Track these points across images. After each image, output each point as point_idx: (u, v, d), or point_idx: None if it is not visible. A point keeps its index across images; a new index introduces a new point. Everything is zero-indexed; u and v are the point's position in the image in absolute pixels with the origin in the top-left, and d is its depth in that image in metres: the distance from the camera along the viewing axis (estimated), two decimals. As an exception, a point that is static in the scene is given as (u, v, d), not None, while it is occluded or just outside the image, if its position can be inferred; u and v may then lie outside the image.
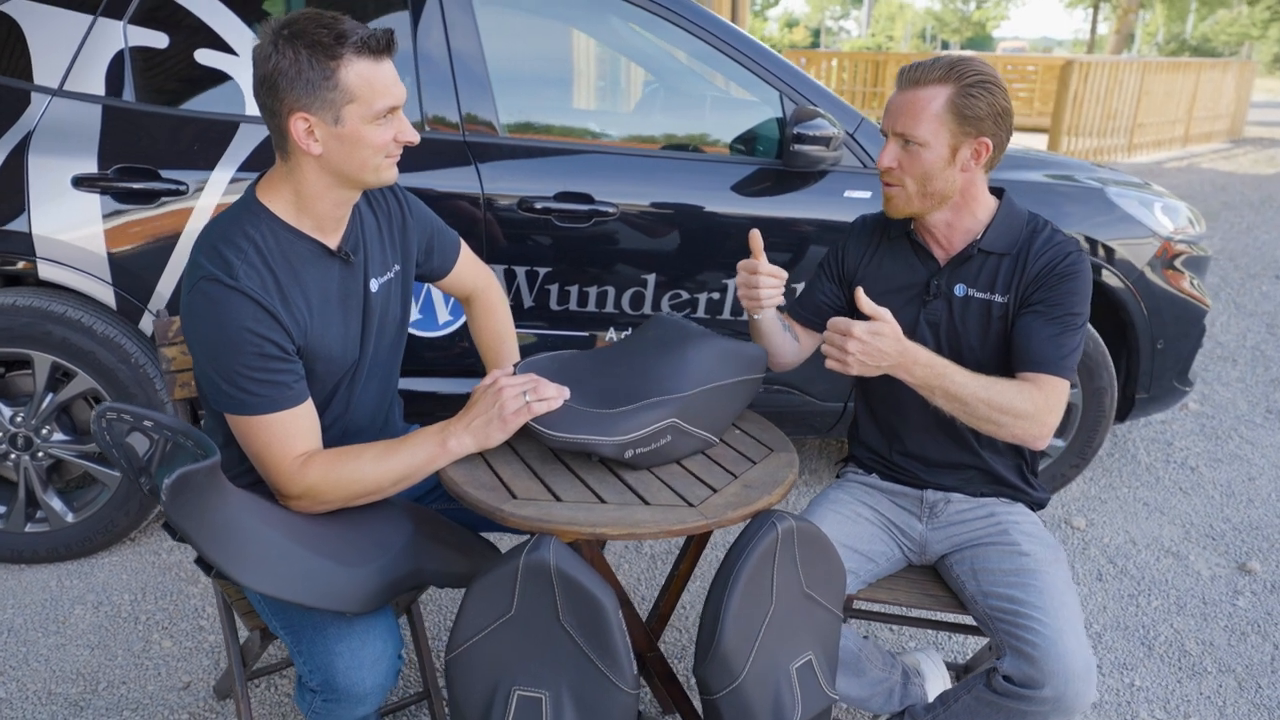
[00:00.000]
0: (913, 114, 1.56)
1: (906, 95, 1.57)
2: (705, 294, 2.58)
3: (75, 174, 2.24)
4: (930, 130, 1.55)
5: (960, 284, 1.65)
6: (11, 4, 2.27)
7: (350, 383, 1.61)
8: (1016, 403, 1.51)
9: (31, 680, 2.07)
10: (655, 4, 2.49)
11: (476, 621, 1.31)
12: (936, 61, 1.56)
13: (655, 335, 1.62)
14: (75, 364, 2.32)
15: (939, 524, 1.73)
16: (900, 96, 1.58)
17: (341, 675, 1.37)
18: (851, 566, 1.66)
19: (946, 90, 1.54)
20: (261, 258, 1.41)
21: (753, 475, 1.48)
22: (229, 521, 1.25)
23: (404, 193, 1.70)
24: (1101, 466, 3.32)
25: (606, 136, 2.73)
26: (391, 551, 1.44)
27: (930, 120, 1.55)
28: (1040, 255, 1.60)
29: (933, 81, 1.55)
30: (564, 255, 2.47)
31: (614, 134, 2.67)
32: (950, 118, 1.55)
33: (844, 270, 1.79)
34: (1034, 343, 1.57)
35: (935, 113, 1.54)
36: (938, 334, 1.67)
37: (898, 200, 1.63)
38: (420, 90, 2.41)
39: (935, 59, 1.57)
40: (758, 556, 1.33)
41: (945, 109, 1.54)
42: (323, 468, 1.42)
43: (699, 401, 1.51)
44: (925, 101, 1.55)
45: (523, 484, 1.42)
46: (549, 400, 1.44)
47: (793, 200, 2.54)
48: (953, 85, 1.54)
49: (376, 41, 1.37)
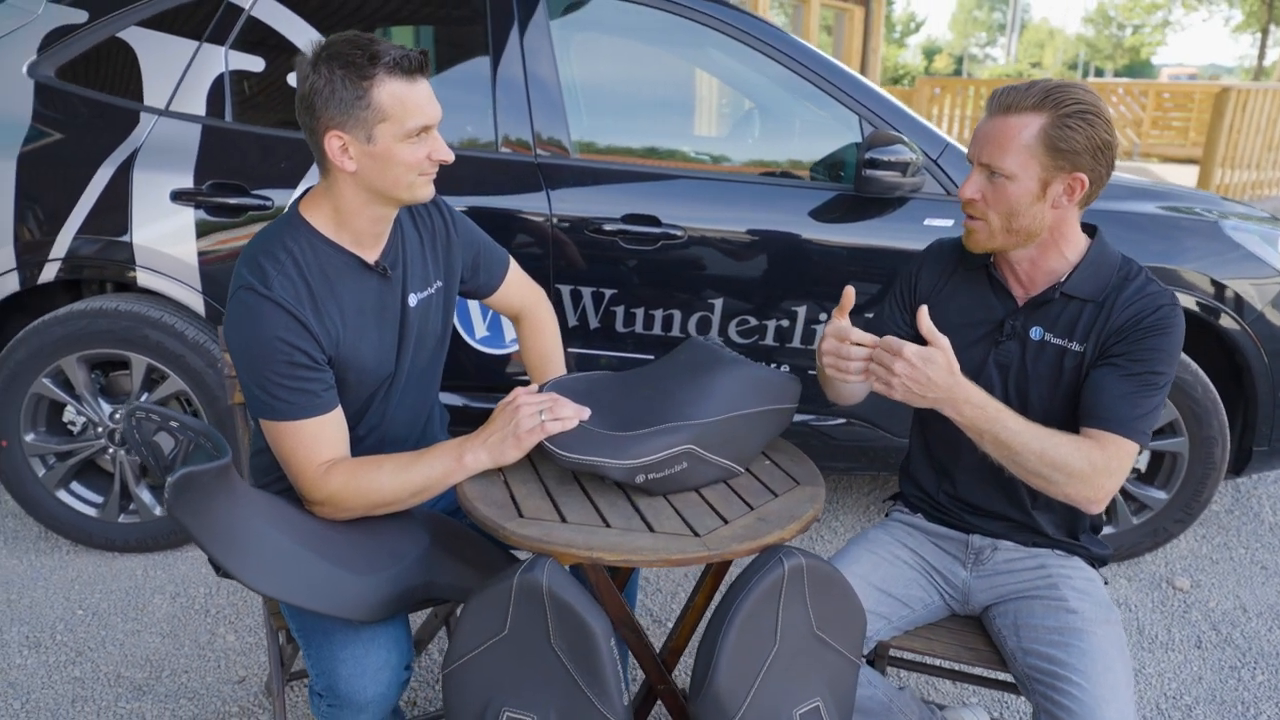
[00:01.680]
0: (1000, 143, 1.42)
1: (996, 122, 1.44)
2: (774, 321, 2.52)
3: (173, 188, 2.39)
4: (1019, 162, 1.42)
5: (1038, 326, 1.52)
6: (129, 30, 2.45)
7: (386, 394, 1.65)
8: (1072, 460, 1.38)
9: (105, 662, 2.20)
10: (733, 27, 2.47)
11: (472, 638, 1.30)
12: (1033, 86, 1.42)
13: (686, 359, 1.59)
14: (168, 366, 2.47)
15: (984, 572, 1.62)
16: (989, 123, 1.45)
17: (344, 682, 1.39)
18: (884, 611, 1.57)
19: (1041, 119, 1.40)
20: (298, 269, 1.46)
21: (771, 508, 1.42)
22: (236, 522, 1.28)
23: (450, 210, 1.73)
24: (1218, 524, 3.06)
25: (684, 160, 2.72)
26: (404, 562, 1.45)
27: (1019, 151, 1.41)
28: (1128, 305, 1.46)
29: (1026, 109, 1.41)
30: (630, 278, 2.47)
31: (692, 158, 2.65)
32: (1042, 150, 1.41)
33: (915, 297, 1.67)
34: (1105, 398, 1.43)
35: (1026, 143, 1.41)
36: (1006, 377, 1.56)
37: (979, 235, 1.50)
38: (496, 113, 2.46)
39: (1032, 83, 1.43)
40: (760, 593, 1.27)
41: (1037, 140, 1.40)
42: (344, 476, 1.45)
43: (721, 429, 1.47)
44: (1015, 130, 1.41)
45: (533, 503, 1.41)
46: (564, 420, 1.43)
47: (868, 227, 2.46)
48: (1048, 114, 1.40)
49: (409, 62, 1.40)
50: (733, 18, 2.50)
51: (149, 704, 2.06)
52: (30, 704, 2.05)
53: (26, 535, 2.76)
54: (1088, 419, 1.44)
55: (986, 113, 1.46)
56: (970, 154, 1.48)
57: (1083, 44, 57.56)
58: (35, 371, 2.46)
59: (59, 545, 2.71)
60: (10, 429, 2.51)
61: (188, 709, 2.05)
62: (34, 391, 2.48)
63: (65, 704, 2.05)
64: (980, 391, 1.41)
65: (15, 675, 2.14)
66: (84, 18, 2.45)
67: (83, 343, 2.44)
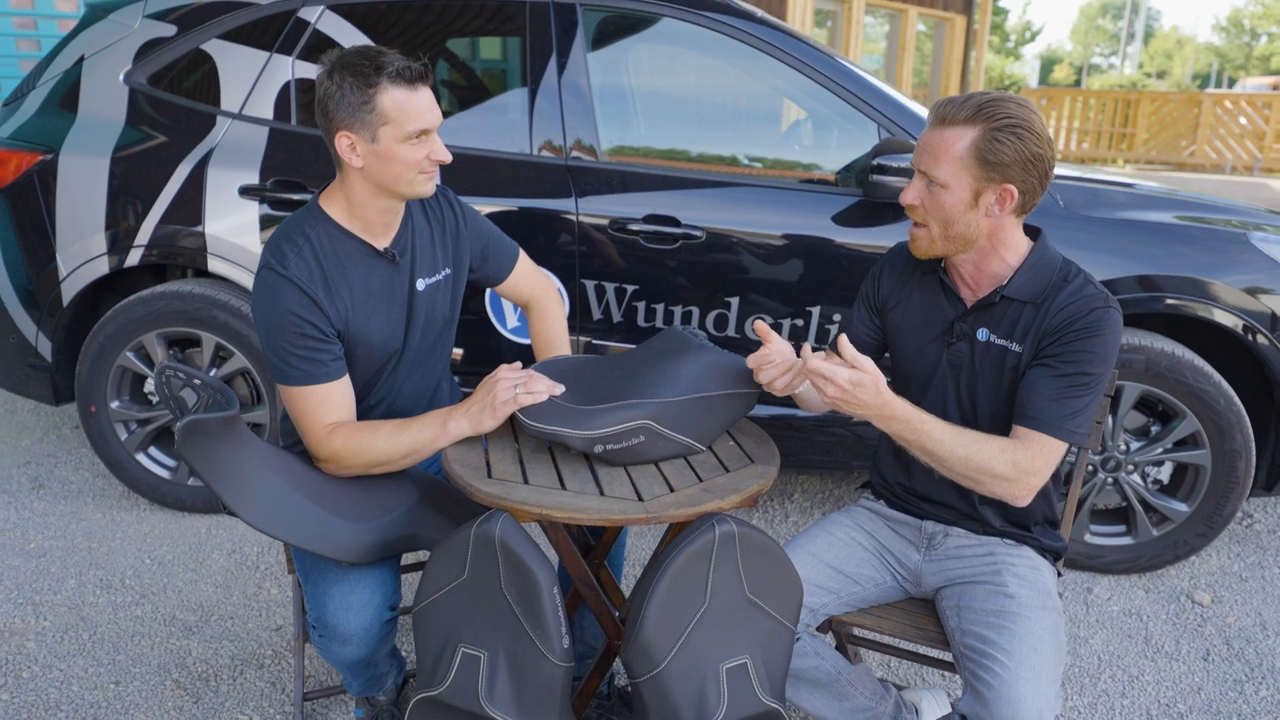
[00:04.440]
0: (935, 154, 1.51)
1: (934, 133, 1.52)
2: (789, 320, 2.62)
3: (241, 184, 2.66)
4: (950, 172, 1.50)
5: (984, 328, 1.61)
6: (211, 43, 2.74)
7: (395, 369, 1.83)
8: (995, 465, 1.48)
9: (164, 605, 2.46)
10: (754, 37, 2.59)
11: (436, 581, 1.46)
12: (968, 100, 1.50)
13: (659, 345, 1.73)
14: (233, 345, 2.73)
15: (936, 556, 1.70)
16: (928, 133, 1.53)
17: (330, 614, 1.57)
18: (833, 586, 1.67)
19: (972, 132, 1.48)
20: (314, 253, 1.66)
21: (718, 481, 1.54)
22: (241, 466, 1.49)
23: (461, 205, 1.91)
24: (1256, 543, 2.99)
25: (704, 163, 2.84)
26: (392, 514, 1.63)
27: (951, 162, 1.49)
28: (1064, 307, 1.53)
29: (960, 121, 1.49)
30: (651, 275, 2.61)
31: (713, 162, 2.77)
32: (973, 161, 1.48)
33: (878, 299, 1.77)
34: (1034, 397, 1.51)
35: (958, 155, 1.49)
36: (959, 377, 1.64)
37: (921, 241, 1.59)
38: (532, 117, 2.65)
39: (968, 96, 1.51)
40: (690, 554, 1.40)
41: (968, 152, 1.48)
42: (344, 436, 1.64)
43: (680, 408, 1.60)
44: (950, 142, 1.49)
45: (503, 467, 1.57)
46: (536, 394, 1.58)
47: (881, 232, 2.54)
48: (980, 127, 1.47)
49: (411, 72, 1.59)
50: (753, 28, 2.62)
51: (195, 642, 2.31)
52: (97, 635, 2.32)
53: (111, 492, 3.09)
54: (1018, 418, 1.52)
55: (929, 123, 1.54)
56: (912, 162, 1.57)
57: (1213, 53, 54.71)
58: (120, 346, 2.76)
59: (138, 503, 3.02)
60: (98, 396, 2.81)
61: (228, 649, 2.29)
62: (119, 364, 2.79)
63: (126, 638, 2.32)
64: (906, 405, 1.50)
65: (88, 611, 2.43)
66: (173, 31, 2.75)
67: (161, 321, 2.73)
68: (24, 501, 3.01)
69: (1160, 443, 2.61)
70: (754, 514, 3.11)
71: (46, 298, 2.80)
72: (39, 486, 3.12)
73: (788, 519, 3.09)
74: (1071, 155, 16.41)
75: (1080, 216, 2.56)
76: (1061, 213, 2.55)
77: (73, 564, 2.64)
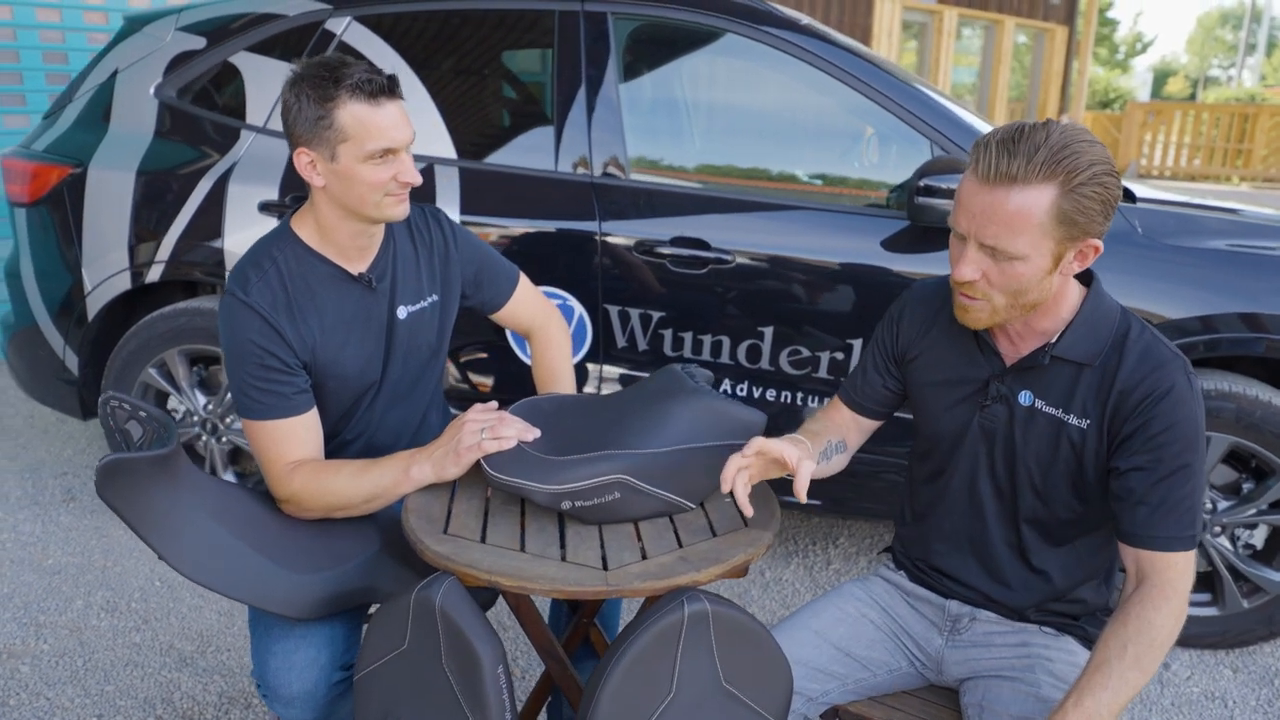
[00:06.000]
0: (1007, 223, 1.19)
1: (995, 196, 1.20)
2: (828, 353, 2.40)
3: (261, 200, 2.58)
4: (1030, 243, 1.20)
5: (1027, 391, 1.35)
6: (239, 55, 2.68)
7: (372, 403, 1.70)
8: (1162, 638, 1.19)
9: (164, 632, 2.39)
10: (793, 45, 2.39)
11: (376, 648, 1.31)
12: (1032, 151, 1.17)
13: (652, 387, 1.54)
14: (250, 364, 2.66)
15: (960, 643, 1.46)
16: (988, 197, 1.20)
17: (271, 674, 1.44)
18: (838, 671, 1.45)
19: (1051, 191, 1.18)
20: (279, 278, 1.54)
21: (700, 548, 1.35)
22: (171, 509, 1.36)
23: (452, 225, 1.77)
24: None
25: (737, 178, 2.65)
26: (345, 565, 1.49)
27: (1030, 232, 1.19)
28: (1133, 381, 1.26)
29: (1032, 180, 1.18)
30: (678, 301, 2.43)
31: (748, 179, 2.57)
32: (1055, 225, 1.20)
33: (897, 349, 1.51)
34: (1149, 514, 1.24)
35: (1037, 223, 1.19)
36: (993, 444, 1.39)
37: (979, 315, 1.30)
38: (560, 133, 2.50)
39: (1027, 145, 1.18)
40: (652, 636, 1.21)
41: (1049, 216, 1.19)
42: (305, 476, 1.51)
43: (663, 461, 1.41)
44: (1024, 209, 1.18)
45: (462, 521, 1.41)
46: (503, 440, 1.43)
47: (928, 260, 2.30)
48: (1058, 184, 1.18)
49: (373, 85, 1.45)
50: (790, 35, 2.42)
51: (186, 675, 2.22)
52: (91, 663, 2.26)
53: (136, 509, 3.06)
54: (1131, 538, 1.26)
55: (979, 179, 1.21)
56: (961, 227, 1.25)
57: (1345, 65, 51.31)
58: (143, 362, 2.72)
59: (161, 521, 2.97)
60: (121, 412, 2.78)
61: (218, 685, 2.19)
62: (142, 380, 2.75)
63: (119, 666, 2.24)
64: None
65: (88, 635, 2.37)
66: (203, 44, 2.71)
67: (183, 338, 2.68)
68: (52, 514, 3.00)
69: (1254, 503, 2.29)
70: (791, 560, 2.88)
71: (73, 312, 2.78)
72: (71, 499, 3.11)
73: (829, 565, 2.85)
74: (1181, 173, 15.52)
75: (1164, 245, 2.27)
76: (1141, 241, 2.26)
77: (84, 583, 2.60)
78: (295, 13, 2.66)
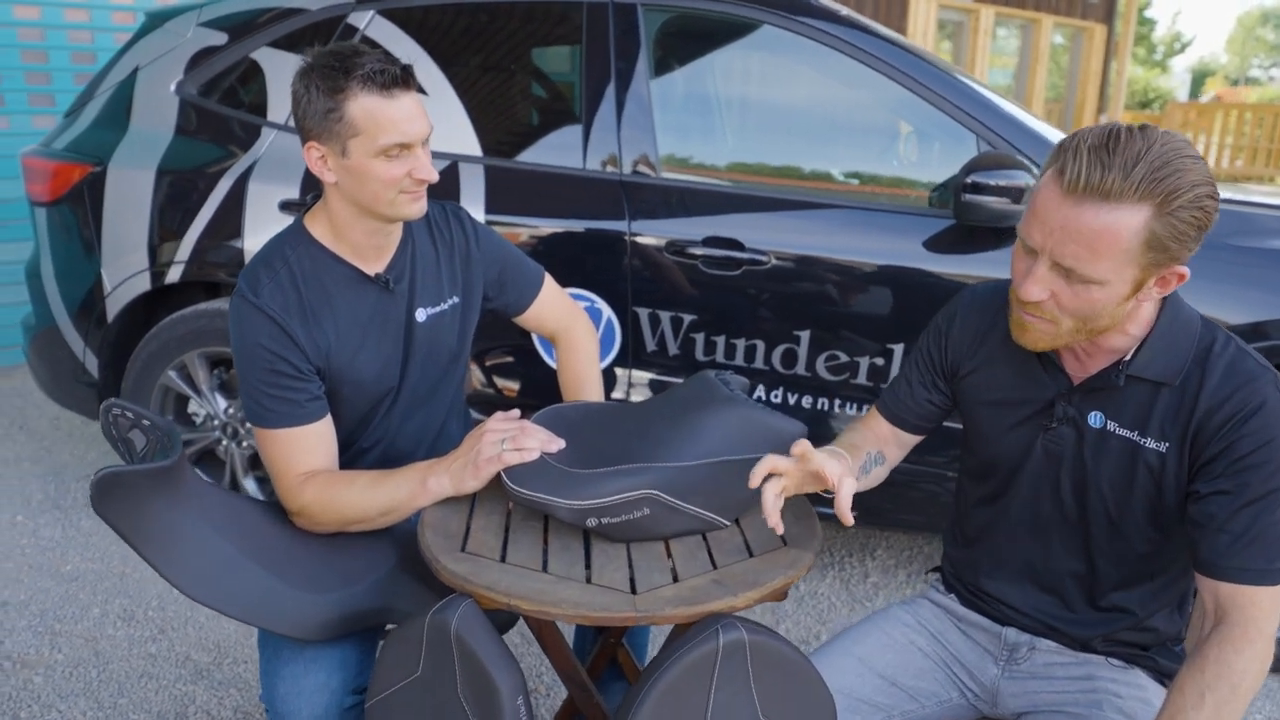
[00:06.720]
0: (1090, 244, 1.06)
1: (1083, 214, 1.05)
2: (867, 359, 2.29)
3: (281, 199, 2.52)
4: (1112, 268, 1.07)
5: (1097, 412, 1.23)
6: (260, 51, 2.62)
7: (390, 410, 1.62)
8: (1248, 682, 1.07)
9: (180, 643, 2.33)
10: (828, 35, 2.29)
11: (389, 675, 1.23)
12: (1129, 165, 1.03)
13: (684, 394, 1.45)
14: (271, 367, 2.59)
15: (1018, 674, 1.35)
16: (1071, 211, 1.06)
17: (279, 699, 1.35)
18: (882, 702, 1.34)
19: (1144, 212, 1.04)
20: (292, 279, 1.46)
21: (736, 570, 1.25)
22: (174, 525, 1.29)
23: (474, 224, 1.69)
24: None
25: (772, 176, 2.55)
26: (358, 585, 1.40)
27: (1115, 256, 1.06)
28: (1219, 400, 1.14)
29: (1128, 198, 1.03)
30: (711, 304, 2.33)
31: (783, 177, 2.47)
32: (1143, 249, 1.06)
33: (948, 363, 1.39)
34: (1231, 543, 1.11)
35: (1125, 248, 1.05)
36: (1059, 468, 1.27)
37: (1039, 336, 1.18)
38: (588, 129, 2.41)
39: (1125, 153, 1.03)
40: (685, 666, 1.11)
41: (1139, 240, 1.05)
42: (317, 488, 1.43)
43: (697, 475, 1.31)
44: (1113, 230, 1.04)
45: (481, 538, 1.32)
46: (525, 451, 1.34)
47: (974, 261, 2.19)
48: (1153, 205, 1.03)
49: (384, 76, 1.36)
50: (827, 26, 2.31)
51: (201, 688, 2.15)
52: (105, 673, 2.20)
53: (157, 514, 3.00)
54: (1210, 569, 1.12)
55: (1060, 188, 1.07)
56: (1033, 241, 1.11)
57: (1392, 64, 50.07)
58: (162, 365, 2.66)
59: (181, 527, 2.92)
60: (141, 416, 2.72)
61: (233, 699, 2.12)
62: (162, 383, 2.69)
63: (134, 678, 2.18)
64: None
65: (104, 645, 2.31)
66: (224, 40, 2.65)
67: (202, 340, 2.62)
68: (73, 519, 2.96)
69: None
70: (827, 573, 2.77)
71: (93, 313, 2.73)
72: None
73: (866, 579, 2.74)
74: (1223, 174, 15.15)
75: (1229, 246, 2.14)
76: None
77: (101, 591, 2.55)
78: (318, 7, 2.59)
